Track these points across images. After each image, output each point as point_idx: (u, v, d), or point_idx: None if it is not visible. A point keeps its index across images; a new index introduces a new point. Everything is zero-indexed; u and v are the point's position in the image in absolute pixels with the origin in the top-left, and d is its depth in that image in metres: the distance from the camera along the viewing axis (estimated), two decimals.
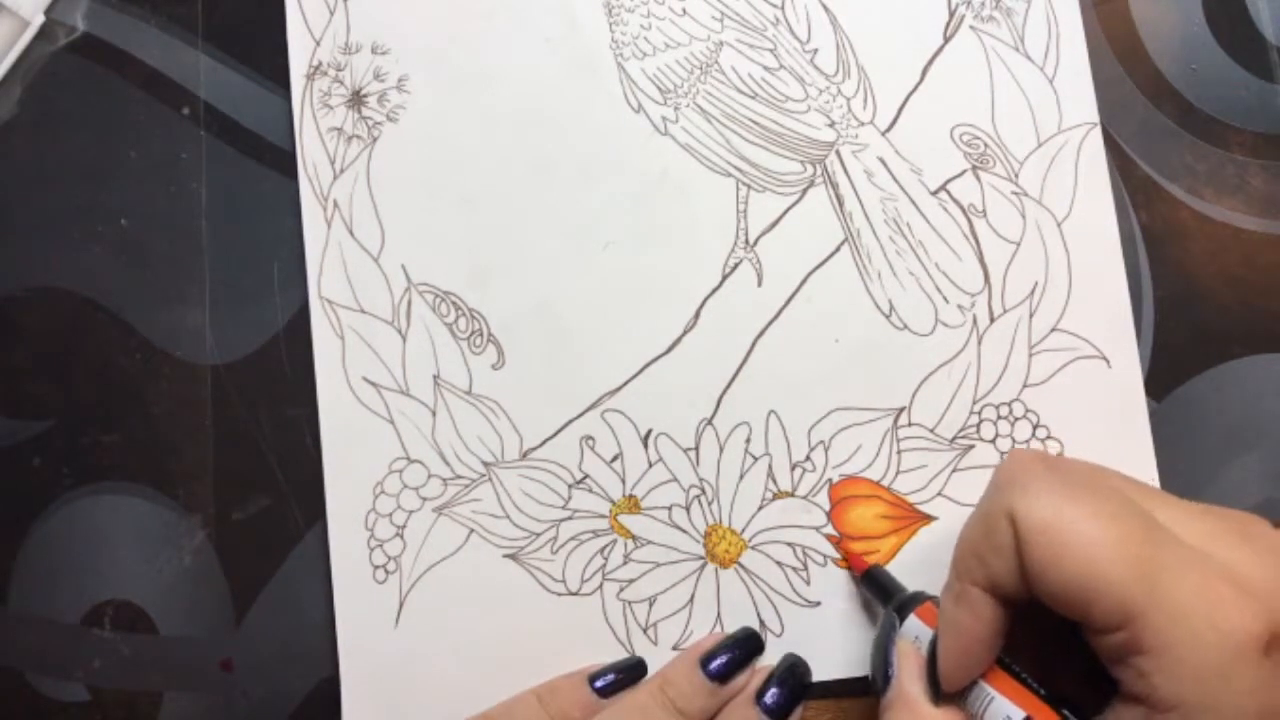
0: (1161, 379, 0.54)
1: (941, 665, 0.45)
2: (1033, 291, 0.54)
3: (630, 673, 0.52)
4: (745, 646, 0.51)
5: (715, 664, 0.50)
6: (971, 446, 0.53)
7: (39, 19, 0.57)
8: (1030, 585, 0.42)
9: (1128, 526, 0.41)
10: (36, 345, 0.56)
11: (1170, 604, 0.39)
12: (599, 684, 0.51)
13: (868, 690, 0.52)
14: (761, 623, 0.53)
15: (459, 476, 0.54)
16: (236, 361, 0.55)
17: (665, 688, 0.50)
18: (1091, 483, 0.43)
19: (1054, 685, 0.45)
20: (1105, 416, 0.53)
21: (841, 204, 0.55)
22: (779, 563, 0.53)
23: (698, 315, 0.54)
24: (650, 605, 0.53)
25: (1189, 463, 0.54)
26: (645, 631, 0.53)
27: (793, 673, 0.51)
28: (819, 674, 0.52)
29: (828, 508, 0.53)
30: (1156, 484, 0.53)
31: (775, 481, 0.53)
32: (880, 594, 0.51)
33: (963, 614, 0.44)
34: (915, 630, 0.48)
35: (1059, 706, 0.44)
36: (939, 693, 0.45)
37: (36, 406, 0.55)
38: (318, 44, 0.56)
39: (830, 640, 0.52)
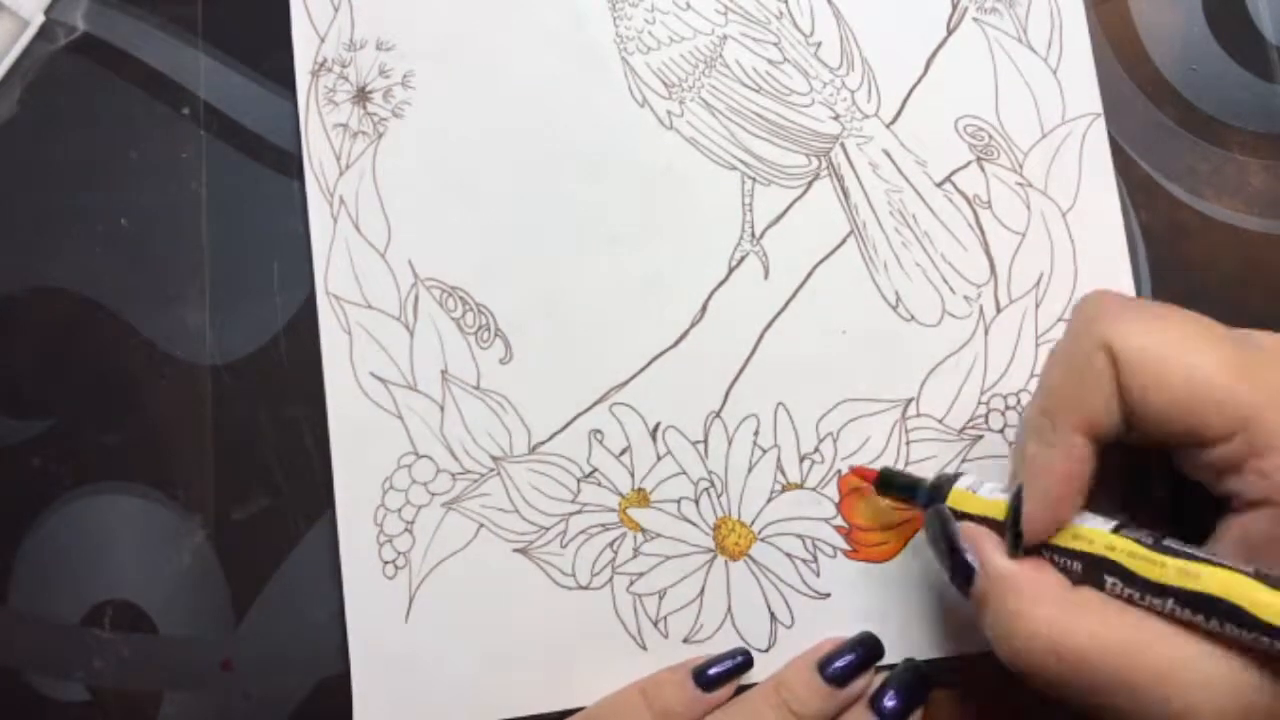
0: None
1: (1031, 515, 0.45)
2: (1039, 282, 0.56)
3: (734, 662, 0.53)
4: (865, 650, 0.52)
5: (833, 667, 0.51)
6: (980, 437, 0.56)
7: (39, 19, 0.59)
8: (1133, 414, 0.43)
9: (1222, 338, 0.43)
10: (36, 345, 0.58)
11: None
12: (708, 674, 0.52)
13: None
14: (771, 615, 0.55)
15: (468, 471, 0.56)
16: (236, 361, 0.57)
17: (780, 689, 0.51)
18: (1176, 308, 0.45)
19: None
20: None
21: (847, 196, 0.57)
22: (789, 555, 0.55)
23: (704, 308, 0.57)
24: (660, 598, 0.55)
25: None
26: (656, 625, 0.55)
27: (911, 677, 0.52)
28: None
29: (837, 499, 0.55)
30: None
31: (784, 473, 0.56)
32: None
33: (1059, 459, 0.45)
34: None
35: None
36: (1019, 546, 0.46)
37: (36, 406, 0.57)
38: (322, 40, 0.59)
39: (841, 632, 0.54)
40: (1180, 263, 0.57)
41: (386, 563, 0.55)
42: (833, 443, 0.56)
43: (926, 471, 0.55)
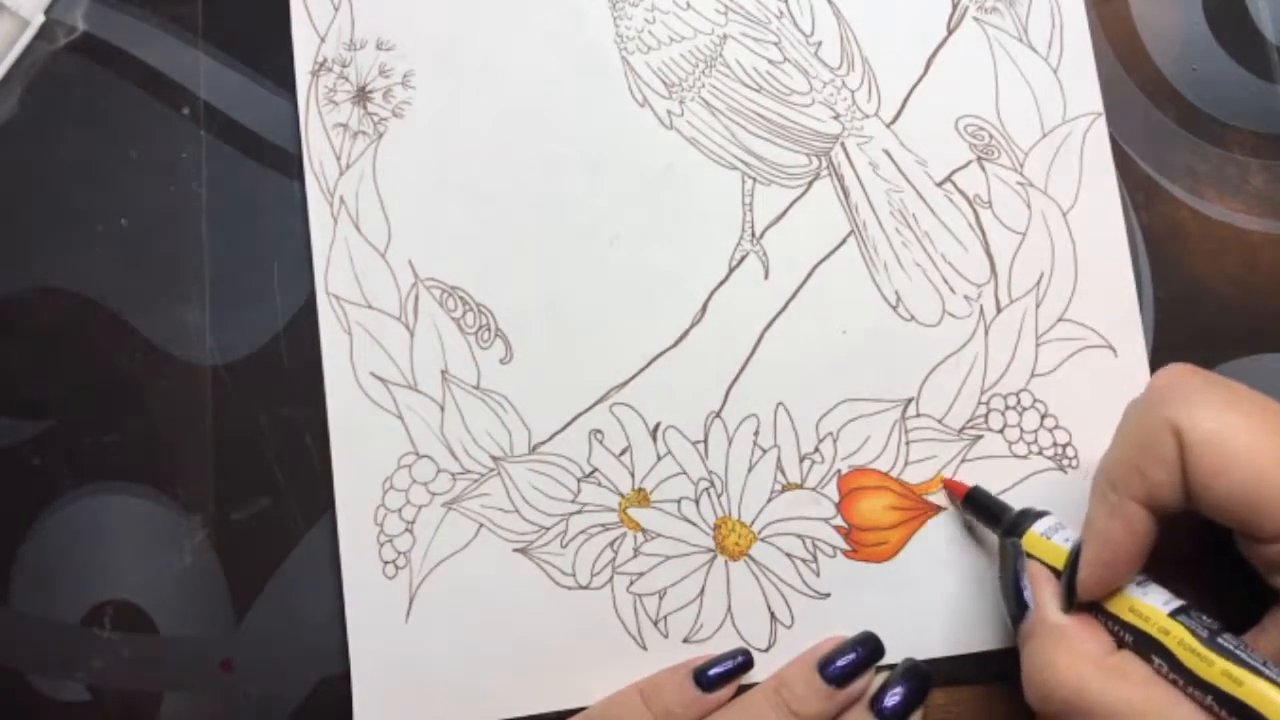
0: None
1: (1084, 576, 0.46)
2: (1039, 282, 0.56)
3: (735, 663, 0.53)
4: (865, 649, 0.53)
5: (834, 667, 0.52)
6: (980, 436, 0.56)
7: (39, 19, 0.59)
8: (1193, 497, 0.44)
9: None
10: (36, 345, 0.58)
11: None
12: (708, 675, 0.52)
13: None
14: (771, 615, 0.55)
15: (468, 471, 0.56)
16: (236, 361, 0.58)
17: (781, 689, 0.51)
18: (1250, 394, 0.45)
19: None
20: (1113, 405, 0.54)
21: (847, 196, 0.57)
22: (788, 555, 0.55)
23: (705, 308, 0.57)
24: (660, 598, 0.55)
25: None
26: (656, 625, 0.55)
27: (911, 677, 0.52)
28: None
29: (837, 499, 0.55)
30: None
31: (784, 473, 0.56)
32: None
33: (1117, 527, 0.45)
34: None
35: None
36: (1071, 602, 0.47)
37: (36, 406, 0.57)
38: (323, 40, 0.59)
39: (841, 632, 0.54)
40: (1180, 263, 0.57)
41: (386, 563, 0.55)
42: (833, 443, 0.56)
43: (929, 471, 0.55)
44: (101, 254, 0.58)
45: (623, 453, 0.56)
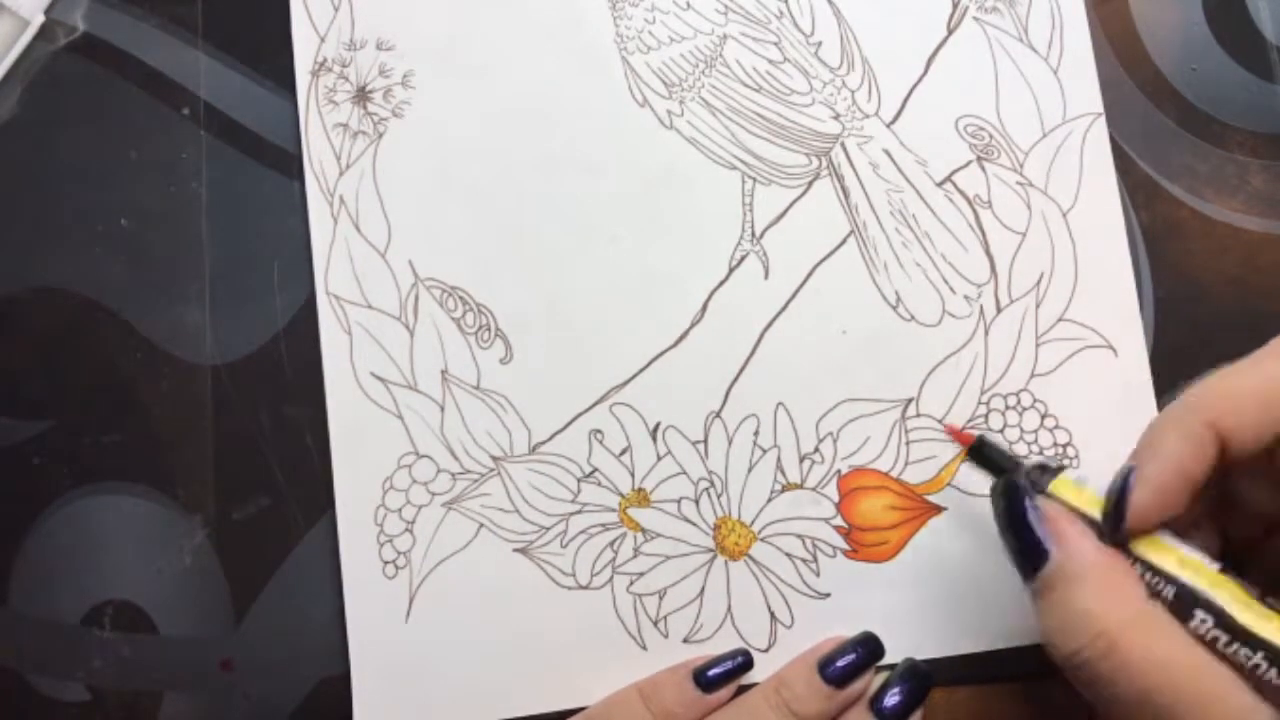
0: (1162, 379, 0.56)
1: (1140, 497, 0.43)
2: (1039, 282, 0.56)
3: (734, 663, 0.53)
4: (865, 650, 0.52)
5: (834, 667, 0.52)
6: None
7: (39, 19, 0.59)
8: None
9: None
10: (36, 345, 0.58)
11: None
12: (708, 675, 0.52)
13: None
14: (771, 615, 0.55)
15: (468, 471, 0.56)
16: (236, 361, 0.57)
17: (780, 689, 0.51)
18: None
19: None
20: (1113, 405, 0.55)
21: (847, 196, 0.57)
22: (788, 555, 0.55)
23: (705, 308, 0.57)
24: (660, 598, 0.55)
25: None
26: (656, 625, 0.55)
27: (911, 677, 0.52)
28: None
29: (837, 499, 0.55)
30: None
31: (784, 473, 0.56)
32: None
33: (1185, 446, 0.43)
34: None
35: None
36: (1119, 528, 0.43)
37: (36, 406, 0.57)
38: (322, 40, 0.59)
39: (841, 632, 0.54)
40: (1180, 263, 0.57)
41: (386, 563, 0.55)
42: (833, 443, 0.56)
43: (929, 471, 0.56)
44: (101, 254, 0.58)
45: (623, 453, 0.56)
